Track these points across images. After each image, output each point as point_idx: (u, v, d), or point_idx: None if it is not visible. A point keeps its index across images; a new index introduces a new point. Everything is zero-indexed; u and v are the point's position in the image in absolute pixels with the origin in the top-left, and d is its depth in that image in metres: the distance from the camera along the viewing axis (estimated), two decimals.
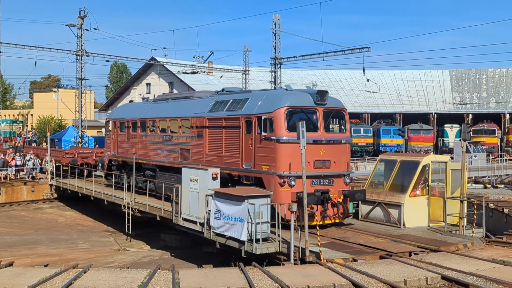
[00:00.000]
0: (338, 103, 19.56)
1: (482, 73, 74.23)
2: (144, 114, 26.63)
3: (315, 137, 18.03)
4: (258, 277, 12.44)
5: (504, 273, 12.93)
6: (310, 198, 16.71)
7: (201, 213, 18.28)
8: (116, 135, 29.06)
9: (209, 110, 21.37)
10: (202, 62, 52.47)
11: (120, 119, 28.93)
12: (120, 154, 28.34)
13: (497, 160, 45.07)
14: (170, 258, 22.56)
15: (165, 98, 27.38)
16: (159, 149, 24.90)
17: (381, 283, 11.93)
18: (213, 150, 20.89)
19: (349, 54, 44.38)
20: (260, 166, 18.23)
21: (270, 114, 18.06)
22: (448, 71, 76.19)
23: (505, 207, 24.15)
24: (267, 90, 21.61)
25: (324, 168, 18.23)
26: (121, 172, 27.82)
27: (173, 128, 23.92)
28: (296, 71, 70.80)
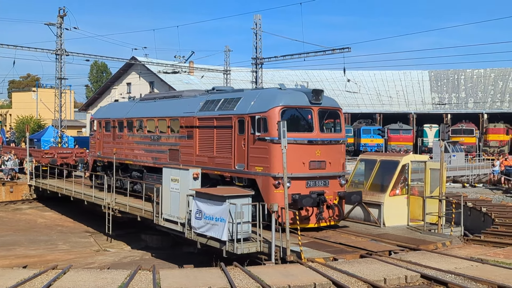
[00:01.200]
0: (333, 103, 19.12)
1: (460, 74, 75.11)
2: (131, 113, 26.14)
3: (310, 137, 17.69)
4: (239, 277, 12.45)
5: (481, 271, 13.11)
6: (306, 200, 16.72)
7: (182, 213, 18.24)
8: (101, 135, 28.46)
9: (200, 109, 20.86)
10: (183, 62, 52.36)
11: (106, 118, 28.30)
12: (106, 155, 27.80)
13: (475, 160, 45.67)
14: (151, 258, 22.47)
15: (153, 97, 26.85)
16: (146, 150, 24.40)
17: (361, 282, 12.02)
18: (203, 151, 20.40)
19: (329, 54, 44.71)
20: (253, 167, 17.79)
21: (264, 114, 17.59)
22: (427, 71, 76.98)
23: (483, 206, 24.49)
24: (260, 89, 21.21)
25: (320, 169, 17.80)
26: (106, 173, 27.26)
27: (161, 128, 23.43)
28: (277, 71, 70.94)
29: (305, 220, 17.41)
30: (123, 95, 63.07)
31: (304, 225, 17.15)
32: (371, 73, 75.50)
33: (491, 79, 72.00)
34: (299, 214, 16.71)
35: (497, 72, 72.37)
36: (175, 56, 53.04)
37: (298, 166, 17.24)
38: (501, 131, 56.35)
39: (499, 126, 56.93)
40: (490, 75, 72.65)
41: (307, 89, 18.69)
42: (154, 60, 56.93)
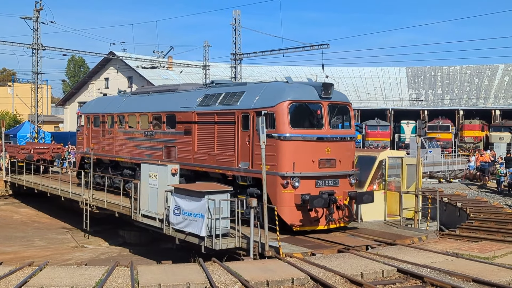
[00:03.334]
0: (343, 97, 18.14)
1: (437, 71, 75.94)
2: (122, 108, 25.02)
3: (320, 134, 16.70)
4: (217, 272, 12.48)
5: (456, 265, 13.33)
6: (317, 201, 15.88)
7: (160, 209, 18.18)
8: (89, 131, 27.25)
9: (198, 104, 19.80)
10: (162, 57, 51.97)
11: (94, 113, 27.06)
12: (94, 151, 26.35)
13: (451, 156, 46.28)
14: (129, 254, 22.40)
15: (145, 91, 25.64)
16: (139, 146, 23.25)
17: (338, 276, 12.13)
18: (203, 148, 19.35)
19: (308, 51, 44.79)
20: (259, 165, 16.42)
21: (271, 109, 16.53)
22: (404, 68, 77.66)
23: (458, 201, 24.90)
24: (265, 82, 20.02)
25: (330, 167, 16.81)
26: (94, 171, 26.17)
27: (155, 123, 22.35)
28: (256, 67, 70.94)
29: (315, 222, 16.66)
30: (101, 90, 62.50)
31: (313, 227, 16.61)
32: (349, 70, 75.93)
33: (467, 76, 72.92)
34: (307, 215, 16.19)
35: (473, 69, 73.32)
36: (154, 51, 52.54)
37: (307, 165, 16.37)
38: (476, 127, 57.13)
39: (474, 122, 57.71)
40: (466, 72, 73.58)
41: (316, 83, 17.73)
42: (133, 55, 56.47)
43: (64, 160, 38.99)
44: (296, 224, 16.26)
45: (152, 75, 60.84)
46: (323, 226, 16.65)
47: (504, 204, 24.89)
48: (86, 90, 70.12)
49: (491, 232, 18.83)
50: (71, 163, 39.48)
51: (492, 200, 26.20)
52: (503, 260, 13.96)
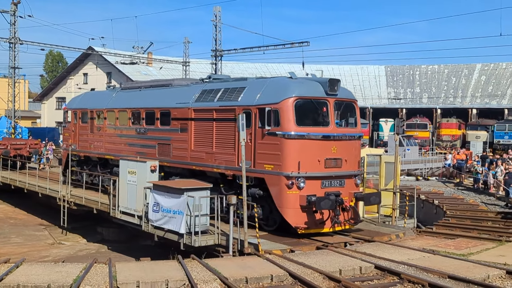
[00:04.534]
0: (349, 94, 17.59)
1: (415, 70, 76.70)
2: (112, 103, 24.05)
3: (326, 132, 16.02)
4: (196, 269, 12.48)
5: (433, 262, 13.51)
6: (324, 203, 15.21)
7: (139, 206, 18.11)
8: (76, 127, 26.24)
9: (195, 100, 19.00)
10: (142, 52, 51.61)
11: (82, 109, 26.00)
12: (82, 148, 25.72)
13: (429, 154, 46.81)
14: (107, 251, 22.26)
15: (137, 86, 24.53)
16: (131, 144, 22.31)
17: (317, 273, 12.22)
18: (200, 146, 18.56)
19: (289, 48, 44.90)
20: (262, 165, 16.07)
21: (275, 106, 15.79)
22: (383, 66, 78.31)
23: (435, 198, 25.22)
24: (267, 78, 19.23)
25: (336, 167, 16.14)
26: (82, 168, 25.52)
27: (149, 120, 21.40)
28: (236, 64, 70.90)
29: (320, 224, 15.98)
30: (80, 85, 61.95)
31: (318, 229, 16.02)
32: (329, 67, 76.27)
33: (445, 75, 73.78)
34: (312, 218, 15.70)
35: (450, 68, 74.19)
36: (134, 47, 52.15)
37: (313, 164, 15.70)
38: (453, 125, 57.83)
39: (451, 121, 58.41)
40: (444, 71, 74.43)
41: (321, 79, 17.07)
42: (112, 50, 55.99)
43: (42, 156, 38.53)
44: (301, 226, 15.63)
45: (132, 71, 60.47)
46: (329, 229, 16.06)
47: (480, 202, 25.28)
48: (65, 86, 69.39)
49: (467, 229, 19.13)
50: (49, 159, 39.07)
51: (468, 197, 26.59)
52: (479, 257, 14.19)
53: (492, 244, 16.10)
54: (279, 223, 16.20)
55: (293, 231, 15.77)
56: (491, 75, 70.00)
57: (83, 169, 25.32)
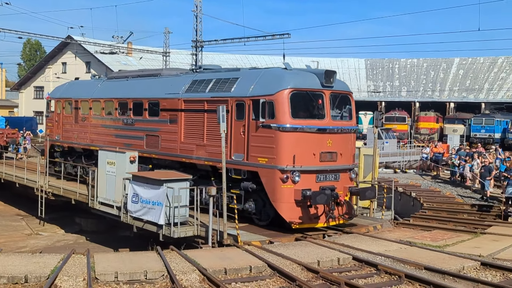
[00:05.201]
0: (345, 86, 17.19)
1: (395, 63, 77.23)
2: (98, 93, 23.47)
3: (321, 125, 15.68)
4: (175, 260, 12.49)
5: (410, 253, 13.71)
6: (320, 197, 14.94)
7: (118, 196, 18.04)
8: (60, 117, 25.65)
9: (186, 90, 18.51)
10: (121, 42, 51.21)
11: (66, 98, 25.43)
12: (66, 139, 25.15)
13: (407, 146, 47.28)
14: (85, 242, 22.16)
15: (124, 75, 23.97)
16: (117, 135, 21.75)
17: (296, 264, 12.32)
18: (190, 138, 18.07)
19: (270, 40, 44.88)
20: (255, 158, 15.66)
21: (270, 97, 15.38)
22: (363, 60, 78.72)
23: (413, 191, 25.51)
24: (261, 68, 18.57)
25: (331, 161, 15.82)
26: (66, 160, 24.96)
27: (136, 111, 20.88)
28: (217, 55, 70.62)
29: (315, 219, 15.76)
30: (58, 74, 61.18)
31: (312, 224, 15.80)
32: (310, 60, 76.42)
33: (424, 68, 74.43)
34: (306, 212, 15.42)
35: (429, 62, 74.86)
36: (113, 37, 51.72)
37: (308, 158, 15.37)
38: (431, 119, 58.41)
39: (429, 114, 58.98)
40: (422, 64, 75.08)
41: (317, 70, 16.72)
42: (91, 40, 55.40)
43: (19, 145, 38.07)
44: (295, 221, 15.36)
45: (111, 60, 59.91)
46: (323, 224, 15.81)
47: (456, 194, 25.63)
48: (43, 75, 68.46)
49: (443, 221, 19.43)
50: (26, 149, 38.62)
51: (445, 190, 26.94)
52: (454, 249, 14.43)
53: (468, 236, 16.39)
54: (272, 217, 15.95)
55: (287, 226, 15.51)
56: (469, 70, 70.82)
57: (67, 160, 24.86)
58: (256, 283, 11.27)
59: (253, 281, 11.34)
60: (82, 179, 22.23)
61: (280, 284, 11.21)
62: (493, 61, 69.44)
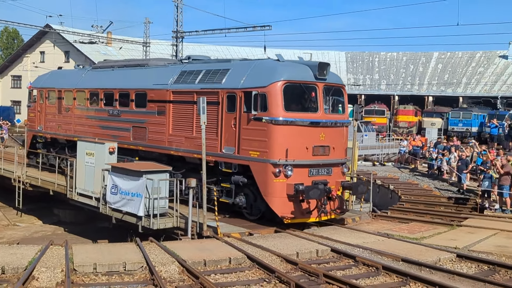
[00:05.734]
0: (338, 79, 16.96)
1: (375, 56, 77.67)
2: (82, 83, 22.96)
3: (314, 119, 15.43)
4: (154, 252, 12.48)
5: (387, 245, 13.89)
6: (313, 192, 14.67)
7: (97, 188, 17.94)
8: (43, 107, 25.07)
9: (174, 81, 18.13)
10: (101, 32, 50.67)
11: (49, 88, 24.86)
12: (49, 130, 24.62)
13: (386, 139, 47.65)
14: (63, 233, 22.03)
15: (109, 65, 23.50)
16: (103, 126, 21.33)
17: (275, 255, 12.40)
18: (179, 130, 17.68)
19: (251, 32, 44.93)
20: (247, 151, 15.37)
21: (263, 89, 15.06)
22: (344, 53, 78.96)
23: (391, 183, 25.80)
24: (252, 60, 18.25)
25: (323, 155, 15.60)
26: (49, 151, 24.41)
27: (122, 102, 20.43)
28: (198, 46, 70.26)
29: (307, 214, 15.51)
30: (37, 64, 60.43)
31: (305, 219, 15.62)
32: (291, 52, 76.15)
33: (403, 62, 74.96)
34: (299, 207, 15.21)
35: (408, 56, 75.42)
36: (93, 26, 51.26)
37: (301, 152, 15.15)
38: (410, 112, 58.87)
39: (408, 108, 59.43)
40: (402, 58, 75.61)
41: (310, 62, 16.53)
42: (70, 29, 54.78)
43: None
44: (287, 216, 15.13)
45: (90, 50, 59.32)
46: (315, 218, 15.63)
47: (433, 187, 25.94)
48: (20, 64, 67.53)
49: (420, 214, 19.69)
50: (3, 139, 38.09)
51: (422, 183, 27.25)
52: (431, 241, 14.65)
53: (444, 228, 16.64)
54: (263, 212, 15.77)
55: (278, 220, 15.31)
56: (447, 64, 71.53)
57: (50, 151, 24.40)
58: (235, 274, 11.32)
59: (233, 273, 11.38)
60: (61, 170, 22.00)
61: (259, 275, 11.28)
62: (471, 55, 70.24)
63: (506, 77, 63.51)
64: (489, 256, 13.11)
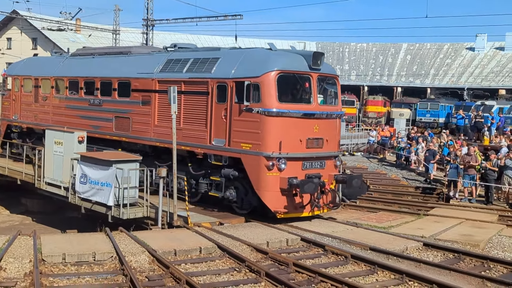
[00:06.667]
0: (331, 69, 16.56)
1: (345, 47, 78.09)
2: (61, 71, 22.11)
3: (309, 110, 14.98)
4: (124, 241, 12.45)
5: (356, 234, 14.12)
6: (308, 186, 14.29)
7: (66, 177, 17.75)
8: (18, 95, 24.11)
9: (160, 70, 17.47)
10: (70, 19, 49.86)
11: (25, 76, 23.94)
12: (25, 119, 23.69)
13: (355, 130, 48.11)
14: (31, 223, 21.73)
15: (89, 53, 22.54)
16: (82, 116, 20.48)
17: (245, 245, 12.49)
18: (165, 121, 16.79)
19: (222, 21, 44.84)
20: (238, 144, 14.89)
21: (256, 79, 14.55)
22: (314, 43, 79.14)
23: (360, 173, 26.06)
24: (243, 48, 17.60)
25: (317, 148, 15.16)
26: (24, 141, 23.51)
27: (104, 91, 19.65)
28: (168, 34, 69.60)
29: (300, 208, 15.14)
30: (3, 50, 59.13)
31: (298, 214, 15.20)
32: (262, 42, 76.07)
33: (373, 53, 75.57)
34: (292, 201, 14.83)
35: (378, 47, 76.05)
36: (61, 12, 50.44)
37: (295, 145, 14.69)
38: (379, 103, 59.49)
39: (377, 98, 60.04)
40: (372, 49, 76.21)
41: (304, 51, 16.08)
42: (38, 15, 53.62)
43: None
44: (280, 211, 14.75)
45: (59, 37, 58.30)
46: (308, 213, 15.27)
47: (401, 177, 26.36)
48: None
49: (388, 203, 20.05)
50: None
51: (390, 173, 27.65)
52: (398, 230, 14.94)
53: (411, 218, 16.98)
54: (254, 206, 15.46)
55: (271, 215, 14.95)
56: (416, 55, 72.38)
57: (26, 141, 23.59)
58: (205, 264, 11.38)
59: (203, 262, 11.45)
60: (29, 159, 21.66)
61: (230, 265, 11.36)
62: (439, 47, 71.20)
63: (472, 69, 64.65)
64: (454, 245, 13.46)
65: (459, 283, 10.48)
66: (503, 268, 11.81)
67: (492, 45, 66.66)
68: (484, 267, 11.88)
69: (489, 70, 62.41)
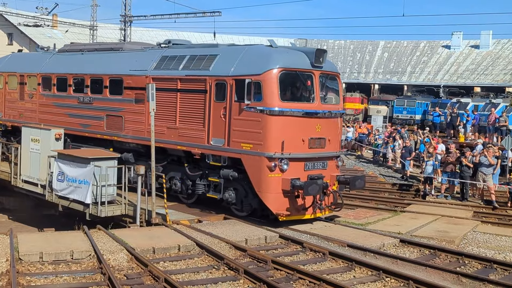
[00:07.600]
0: (333, 67, 16.07)
1: (323, 44, 78.26)
2: (48, 68, 21.44)
3: (311, 109, 14.56)
4: (102, 240, 12.39)
5: (334, 231, 14.27)
6: (312, 188, 13.83)
7: (43, 175, 17.59)
8: (2, 92, 23.49)
9: (154, 67, 16.92)
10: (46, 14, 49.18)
11: (10, 72, 23.26)
12: (10, 117, 23.07)
13: None
14: (7, 221, 21.45)
15: (78, 49, 21.69)
16: (71, 114, 19.83)
17: (224, 242, 12.53)
18: (160, 120, 16.05)
19: (200, 17, 44.69)
20: (238, 144, 14.39)
21: (257, 77, 14.05)
22: (293, 39, 79.22)
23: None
24: (242, 45, 17.20)
25: (319, 148, 14.71)
26: (9, 140, 22.74)
27: (94, 88, 19.02)
28: (147, 31, 69.15)
29: (302, 210, 14.70)
30: None
31: (300, 216, 14.73)
32: (240, 39, 76.19)
33: (350, 50, 76.04)
34: (294, 203, 14.41)
35: (356, 44, 76.54)
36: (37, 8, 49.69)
37: (297, 145, 14.24)
38: (357, 100, 59.87)
39: (355, 95, 60.41)
40: (349, 46, 76.68)
41: (306, 49, 15.61)
42: (14, 10, 52.86)
43: None
44: (282, 213, 14.24)
45: (35, 33, 57.45)
46: (310, 215, 14.84)
47: (378, 174, 26.64)
48: None
49: (365, 200, 20.26)
50: None
51: (368, 169, 27.93)
52: (375, 226, 15.13)
53: (388, 214, 17.19)
54: (254, 208, 15.10)
55: (272, 218, 14.58)
56: (393, 52, 73.01)
57: (10, 140, 22.92)
58: (184, 262, 11.40)
59: (182, 260, 11.46)
60: (5, 156, 21.35)
61: (209, 262, 11.40)
62: (415, 45, 71.90)
63: (448, 66, 65.43)
64: (430, 241, 13.68)
65: (435, 279, 10.65)
66: (477, 264, 12.04)
67: (468, 43, 67.51)
68: (459, 263, 12.10)
69: (465, 68, 63.23)
